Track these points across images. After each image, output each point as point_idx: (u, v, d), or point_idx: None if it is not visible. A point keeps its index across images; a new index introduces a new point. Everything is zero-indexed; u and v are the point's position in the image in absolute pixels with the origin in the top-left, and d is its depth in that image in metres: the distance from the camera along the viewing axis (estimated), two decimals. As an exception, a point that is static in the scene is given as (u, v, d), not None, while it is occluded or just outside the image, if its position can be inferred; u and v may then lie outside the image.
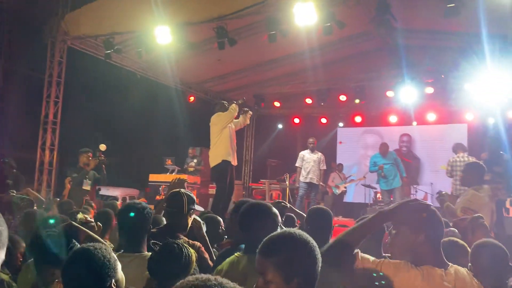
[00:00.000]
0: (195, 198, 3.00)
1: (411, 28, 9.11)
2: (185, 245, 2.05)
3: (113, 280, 1.55)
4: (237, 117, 7.42)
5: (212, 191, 12.62)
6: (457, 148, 8.38)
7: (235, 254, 2.33)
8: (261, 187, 12.65)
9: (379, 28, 7.29)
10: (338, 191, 11.20)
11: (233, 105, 6.98)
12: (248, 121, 7.58)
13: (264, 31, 7.90)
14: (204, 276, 1.09)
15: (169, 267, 1.90)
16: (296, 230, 1.57)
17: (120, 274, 1.59)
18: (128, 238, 2.43)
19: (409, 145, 13.03)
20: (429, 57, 10.23)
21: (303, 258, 1.48)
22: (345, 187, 10.95)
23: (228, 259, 2.32)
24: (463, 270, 1.87)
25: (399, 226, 1.91)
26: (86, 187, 5.94)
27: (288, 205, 3.92)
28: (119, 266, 1.60)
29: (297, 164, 9.70)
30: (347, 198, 12.67)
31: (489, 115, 11.07)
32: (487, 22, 7.20)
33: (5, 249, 1.19)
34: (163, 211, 3.13)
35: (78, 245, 1.91)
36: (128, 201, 9.96)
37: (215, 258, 2.80)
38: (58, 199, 5.22)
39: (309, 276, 1.47)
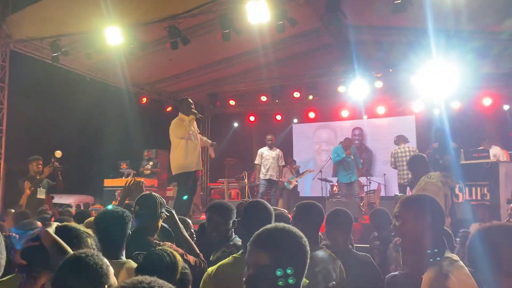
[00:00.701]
0: (164, 201, 2.97)
1: (360, 24, 9.36)
2: (171, 251, 2.00)
3: (106, 286, 1.53)
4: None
5: (170, 193, 12.47)
6: (398, 140, 8.78)
7: (234, 255, 2.30)
8: (220, 187, 12.63)
9: (329, 25, 7.44)
10: (290, 186, 11.36)
11: (191, 117, 6.74)
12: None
13: (217, 29, 7.87)
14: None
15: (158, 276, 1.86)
16: (289, 226, 1.59)
17: (113, 279, 1.55)
18: (106, 245, 2.33)
19: (361, 138, 13.42)
20: (378, 52, 10.59)
21: (299, 253, 1.50)
22: (297, 181, 11.11)
23: (222, 261, 2.29)
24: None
25: (404, 215, 1.99)
26: (41, 195, 5.68)
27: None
28: (111, 271, 1.57)
29: (256, 162, 9.75)
30: (305, 193, 12.89)
31: (435, 106, 11.60)
32: (433, 17, 7.54)
33: None
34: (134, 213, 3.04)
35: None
36: (82, 208, 9.63)
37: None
38: (13, 210, 4.95)
39: (300, 271, 1.50)
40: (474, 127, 10.78)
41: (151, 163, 10.68)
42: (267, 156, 9.61)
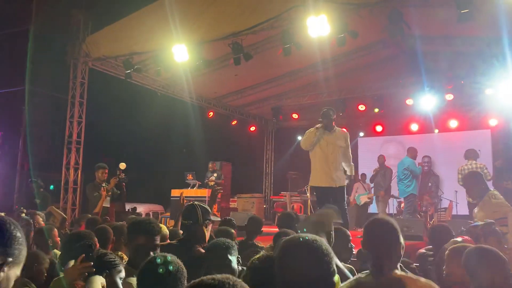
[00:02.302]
0: (209, 209, 3.07)
1: (427, 35, 9.09)
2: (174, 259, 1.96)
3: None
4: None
5: (234, 204, 12.74)
6: (468, 155, 8.31)
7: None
8: (282, 200, 12.66)
9: (393, 36, 7.30)
10: (361, 202, 11.12)
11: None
12: None
13: (279, 44, 8.02)
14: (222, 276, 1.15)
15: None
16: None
17: None
18: None
19: (430, 165, 12.82)
20: (447, 63, 10.16)
21: None
22: (369, 198, 10.85)
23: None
24: None
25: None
26: (106, 204, 6.07)
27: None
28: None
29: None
30: (372, 209, 12.51)
31: (513, 120, 10.87)
32: (508, 24, 7.14)
33: (21, 266, 1.28)
34: (180, 225, 3.21)
35: None
36: (151, 216, 10.11)
37: None
38: (89, 215, 5.32)
39: None
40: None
41: (215, 174, 10.99)
42: None
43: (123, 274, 2.32)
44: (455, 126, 12.32)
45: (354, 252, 3.69)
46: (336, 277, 1.57)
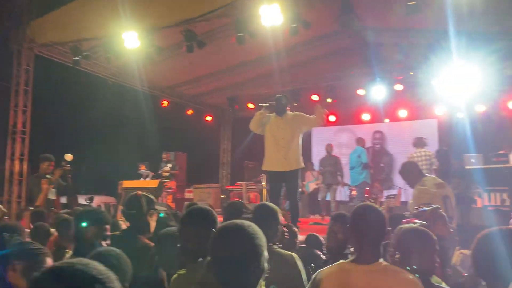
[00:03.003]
0: (154, 199, 3.02)
1: (378, 26, 9.26)
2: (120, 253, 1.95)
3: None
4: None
5: (189, 195, 12.60)
6: (417, 142, 8.59)
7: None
8: (238, 189, 12.66)
9: (344, 27, 7.39)
10: (310, 189, 11.31)
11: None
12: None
13: (233, 33, 7.94)
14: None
15: None
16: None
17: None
18: None
19: (382, 142, 13.21)
20: (397, 55, 10.42)
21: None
22: (317, 185, 11.02)
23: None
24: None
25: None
26: (52, 196, 5.83)
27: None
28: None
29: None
30: (325, 196, 12.72)
31: (458, 109, 11.32)
32: (454, 18, 7.38)
33: None
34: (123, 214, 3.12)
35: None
36: (103, 208, 9.81)
37: None
38: (31, 208, 5.09)
39: None
40: (498, 131, 10.46)
41: (169, 165, 10.77)
42: None
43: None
44: (405, 116, 12.70)
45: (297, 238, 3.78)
46: (266, 265, 1.61)
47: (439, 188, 4.28)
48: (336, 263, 2.20)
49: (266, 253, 1.62)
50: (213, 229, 1.98)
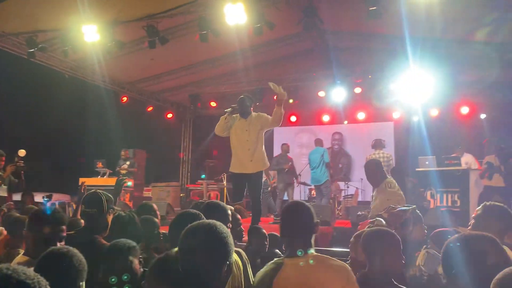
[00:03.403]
0: (112, 198, 2.97)
1: (339, 30, 9.44)
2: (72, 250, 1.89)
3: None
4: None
5: (148, 193, 12.38)
6: (375, 144, 8.79)
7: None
8: (199, 188, 12.57)
9: (307, 29, 7.47)
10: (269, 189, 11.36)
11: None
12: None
13: (197, 30, 7.85)
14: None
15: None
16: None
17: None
18: None
19: (341, 143, 13.49)
20: (357, 58, 10.67)
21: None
22: (271, 185, 11.09)
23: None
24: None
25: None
26: (3, 193, 5.54)
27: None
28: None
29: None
30: (283, 196, 12.85)
31: (413, 113, 11.72)
32: (409, 25, 7.62)
33: None
34: (81, 213, 3.02)
35: None
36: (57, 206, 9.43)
37: None
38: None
39: None
40: (451, 134, 10.90)
41: (128, 162, 10.58)
42: None
43: None
44: (363, 118, 13.01)
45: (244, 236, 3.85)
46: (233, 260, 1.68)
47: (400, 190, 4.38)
48: (271, 261, 2.25)
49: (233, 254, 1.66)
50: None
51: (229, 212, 2.69)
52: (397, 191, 4.38)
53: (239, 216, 3.54)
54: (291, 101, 11.98)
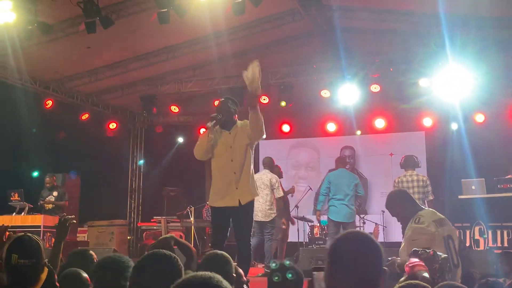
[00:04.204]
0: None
1: (349, 6, 9.56)
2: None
3: None
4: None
5: (83, 236, 12.21)
6: (406, 163, 8.81)
7: None
8: (155, 228, 12.46)
9: (304, 6, 7.56)
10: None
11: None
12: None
13: (153, 8, 7.88)
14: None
15: None
16: None
17: None
18: None
19: (353, 161, 13.55)
20: (374, 45, 10.78)
21: None
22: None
23: None
24: None
25: None
26: None
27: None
28: None
29: None
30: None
31: (451, 119, 11.83)
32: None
33: None
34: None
35: None
36: None
37: None
38: None
39: None
40: (503, 148, 10.94)
41: (55, 193, 10.43)
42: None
43: None
44: (382, 127, 13.10)
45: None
46: None
47: (440, 226, 4.37)
48: None
49: None
50: None
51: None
52: (425, 227, 4.38)
53: (241, 271, 3.53)
54: (283, 104, 12.05)
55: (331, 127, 13.55)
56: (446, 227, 4.41)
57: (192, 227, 11.49)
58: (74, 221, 4.08)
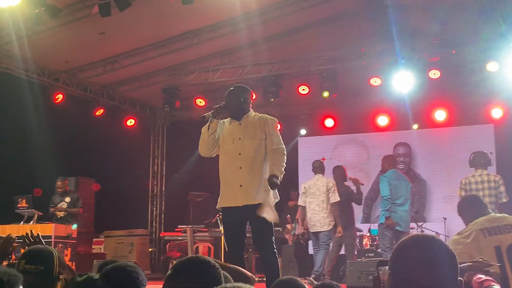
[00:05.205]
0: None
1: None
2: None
3: None
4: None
5: (99, 248, 12.41)
6: (476, 160, 8.71)
7: None
8: (180, 238, 12.56)
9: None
10: (298, 235, 11.36)
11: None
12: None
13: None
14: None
15: None
16: None
17: None
18: None
19: (409, 160, 13.44)
20: (433, 24, 10.67)
21: None
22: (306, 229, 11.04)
23: None
24: None
25: None
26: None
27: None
28: None
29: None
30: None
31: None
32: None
33: None
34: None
35: None
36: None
37: None
38: None
39: None
40: None
41: (67, 199, 10.61)
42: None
43: None
44: (443, 119, 12.97)
45: None
46: None
47: (492, 235, 4.30)
48: None
49: None
50: None
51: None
52: (460, 238, 4.36)
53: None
54: (325, 94, 12.03)
55: (382, 120, 13.47)
56: (502, 236, 4.34)
57: (222, 237, 11.54)
58: (14, 241, 3.96)
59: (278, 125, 5.86)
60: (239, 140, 5.63)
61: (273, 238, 5.65)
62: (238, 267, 3.91)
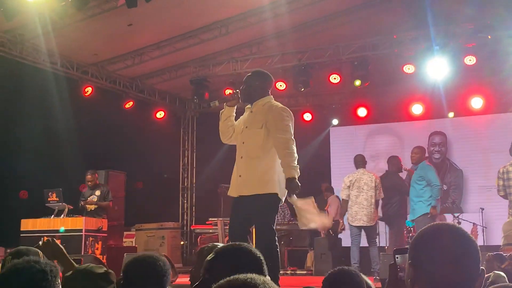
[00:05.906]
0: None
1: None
2: None
3: None
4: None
5: (130, 241, 12.50)
6: None
7: None
8: (211, 231, 12.59)
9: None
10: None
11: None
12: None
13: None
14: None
15: None
16: None
17: None
18: None
19: (444, 150, 13.30)
20: (468, 8, 10.52)
21: None
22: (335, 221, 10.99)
23: None
24: None
25: None
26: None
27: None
28: None
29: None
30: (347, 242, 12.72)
31: None
32: None
33: None
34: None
35: None
36: None
37: None
38: None
39: None
40: None
41: (97, 192, 10.68)
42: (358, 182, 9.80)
43: None
44: (480, 107, 12.81)
45: None
46: None
47: None
48: None
49: None
50: None
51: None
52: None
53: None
54: (357, 83, 11.92)
55: (416, 109, 13.34)
56: None
57: (253, 229, 11.56)
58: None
59: (288, 116, 5.62)
60: (245, 128, 5.60)
61: (273, 235, 5.55)
62: None
